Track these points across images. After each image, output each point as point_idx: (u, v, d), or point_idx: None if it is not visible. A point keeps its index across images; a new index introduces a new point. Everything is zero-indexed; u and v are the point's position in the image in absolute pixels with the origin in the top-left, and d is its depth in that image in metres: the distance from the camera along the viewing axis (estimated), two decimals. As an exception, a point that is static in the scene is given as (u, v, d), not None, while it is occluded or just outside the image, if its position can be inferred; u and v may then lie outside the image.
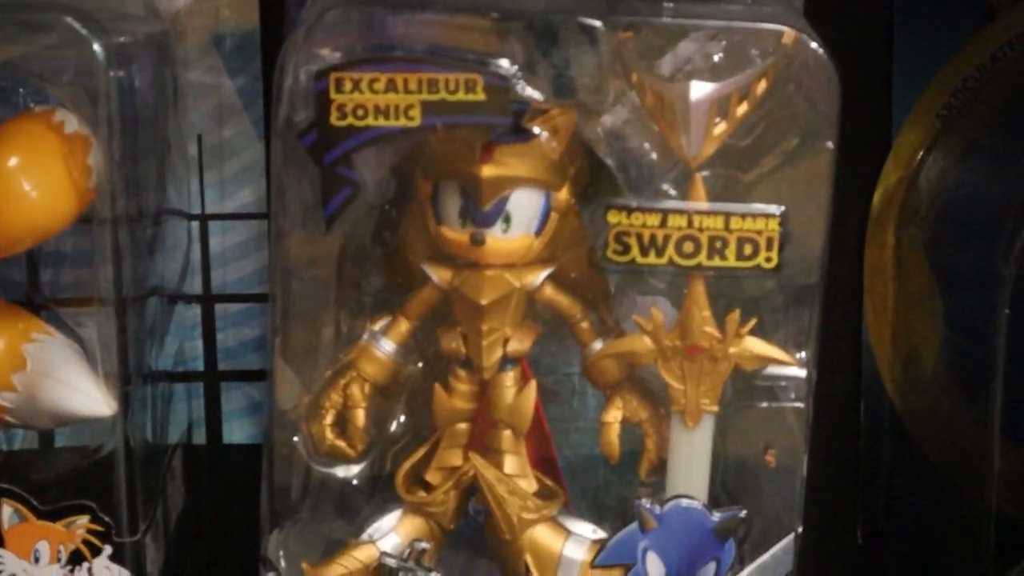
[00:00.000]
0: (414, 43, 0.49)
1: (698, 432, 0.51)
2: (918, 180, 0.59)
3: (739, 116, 0.49)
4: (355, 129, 0.48)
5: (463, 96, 0.47)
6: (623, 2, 0.51)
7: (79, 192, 0.49)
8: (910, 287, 0.59)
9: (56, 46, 0.50)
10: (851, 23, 0.59)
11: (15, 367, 0.51)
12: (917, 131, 0.59)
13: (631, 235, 0.49)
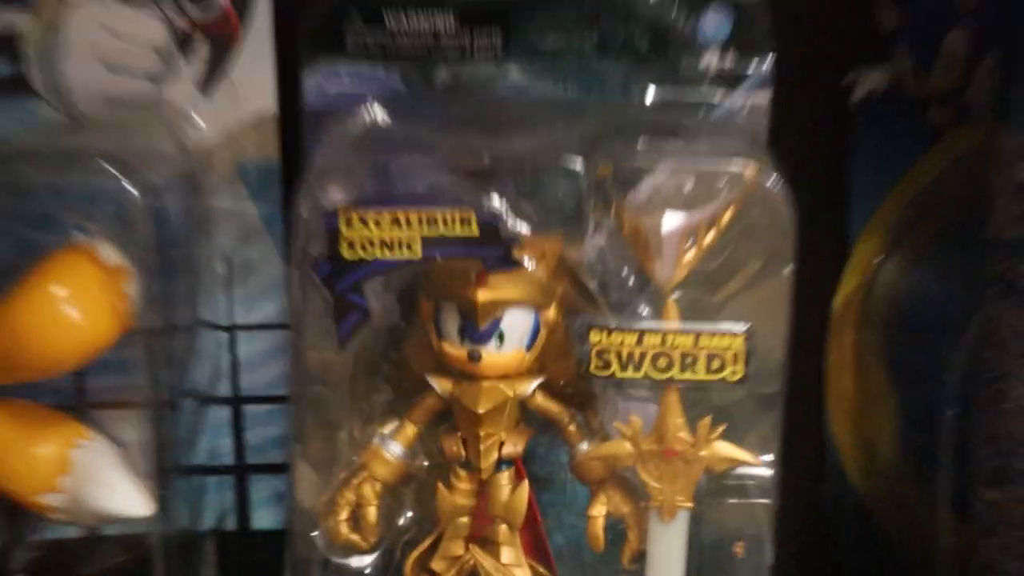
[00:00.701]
0: (416, 182, 0.49)
1: (674, 526, 0.51)
2: (874, 287, 0.59)
3: (707, 244, 0.49)
4: (363, 261, 0.49)
5: (459, 231, 0.48)
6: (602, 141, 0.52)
7: (119, 317, 0.49)
8: (867, 383, 0.60)
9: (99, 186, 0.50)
10: (813, 149, 0.60)
11: (62, 471, 0.51)
12: (873, 242, 0.59)
13: (611, 352, 0.49)
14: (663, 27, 0.56)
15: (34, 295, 0.49)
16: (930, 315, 0.57)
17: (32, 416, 0.52)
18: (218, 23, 0.57)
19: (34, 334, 0.49)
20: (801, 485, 0.60)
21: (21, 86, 0.57)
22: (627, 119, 0.54)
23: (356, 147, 0.51)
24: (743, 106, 0.57)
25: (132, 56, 0.57)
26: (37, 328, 0.49)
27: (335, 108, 0.56)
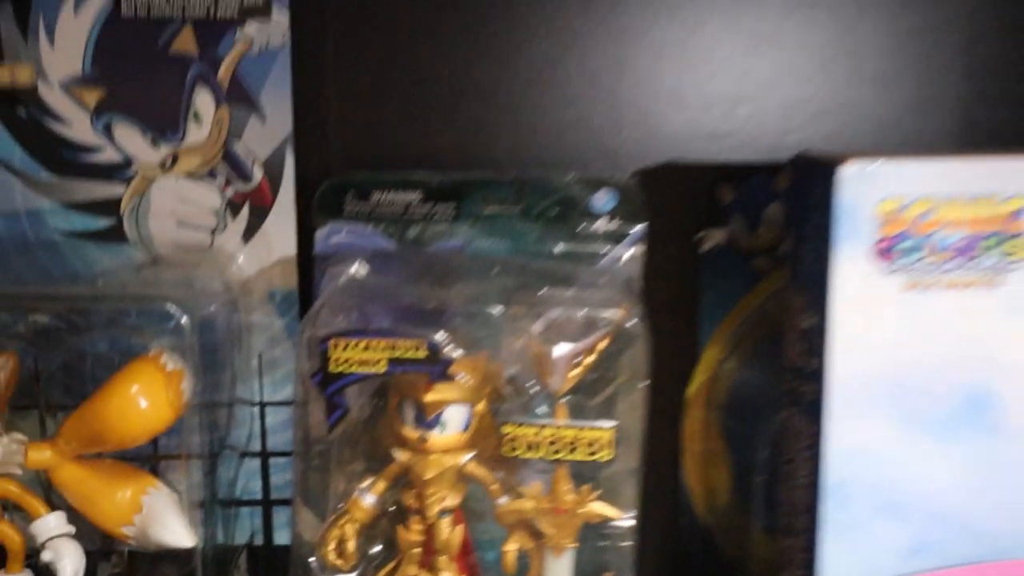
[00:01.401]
0: (384, 320, 0.50)
1: (562, 559, 0.50)
2: (716, 380, 0.59)
3: (587, 364, 0.50)
4: (344, 374, 0.49)
5: (413, 355, 0.48)
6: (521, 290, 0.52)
7: (175, 408, 0.50)
8: (710, 448, 0.59)
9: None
10: (675, 285, 0.59)
11: (135, 511, 0.51)
12: (716, 349, 0.59)
13: (518, 440, 0.49)
14: (568, 201, 0.57)
15: (118, 390, 0.49)
16: (754, 401, 0.57)
17: (119, 470, 0.52)
18: (256, 194, 0.58)
19: (116, 419, 0.49)
20: (664, 519, 0.61)
21: (119, 235, 0.57)
22: (537, 271, 0.54)
23: (343, 294, 0.52)
24: (624, 256, 0.57)
25: (196, 215, 0.58)
26: (118, 414, 0.49)
27: (336, 253, 0.56)
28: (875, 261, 0.45)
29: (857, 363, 0.46)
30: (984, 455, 0.47)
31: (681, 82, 0.59)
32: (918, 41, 0.59)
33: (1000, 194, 0.45)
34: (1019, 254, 0.46)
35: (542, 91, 0.59)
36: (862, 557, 0.48)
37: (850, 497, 0.47)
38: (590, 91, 0.59)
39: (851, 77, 0.60)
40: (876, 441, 0.47)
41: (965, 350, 0.46)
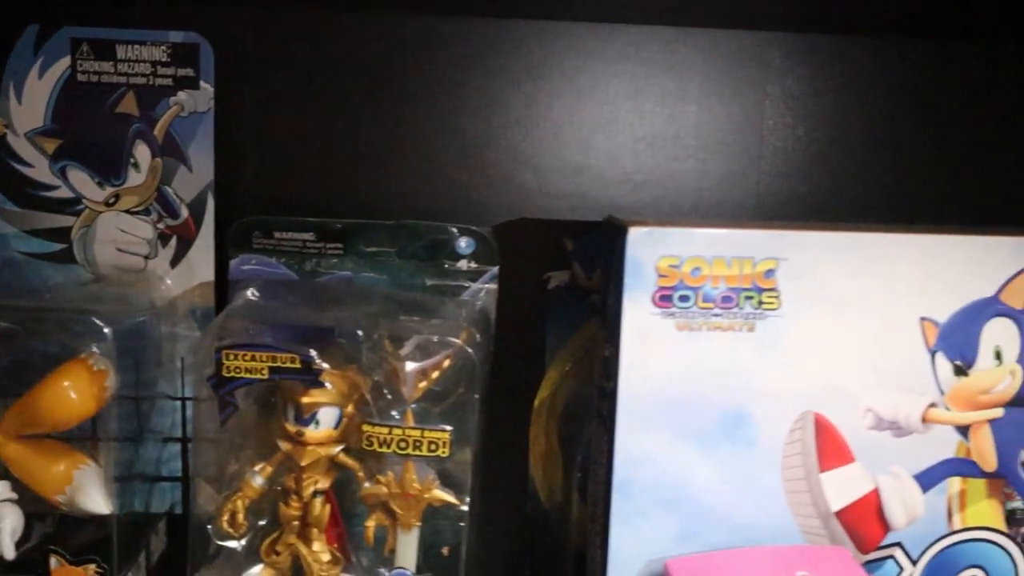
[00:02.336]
0: (266, 336, 0.51)
1: (410, 535, 0.52)
2: (556, 394, 0.60)
3: (433, 379, 0.51)
4: (235, 379, 0.50)
5: (290, 365, 0.50)
6: (383, 316, 0.54)
7: (98, 401, 0.51)
8: (550, 449, 0.61)
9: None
10: (526, 316, 0.61)
11: (67, 482, 0.52)
12: (558, 367, 0.60)
13: (374, 437, 0.51)
14: (437, 243, 0.59)
15: (52, 384, 0.51)
16: (580, 413, 0.57)
17: (56, 448, 0.52)
18: (183, 228, 0.59)
19: (50, 407, 0.51)
20: (513, 506, 0.62)
21: (69, 257, 0.59)
22: (402, 300, 0.56)
23: (236, 314, 0.53)
24: (482, 290, 0.59)
25: (132, 244, 0.59)
26: (52, 404, 0.51)
27: (245, 280, 0.58)
28: (655, 306, 0.48)
29: (640, 387, 0.48)
30: (740, 464, 0.49)
31: (537, 151, 0.62)
32: (725, 127, 0.62)
33: (756, 257, 0.48)
34: (770, 305, 0.48)
35: (420, 155, 0.61)
36: (643, 541, 0.49)
37: (633, 493, 0.49)
38: (461, 155, 0.61)
39: (672, 154, 0.62)
40: (654, 449, 0.49)
41: (726, 379, 0.48)
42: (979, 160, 0.63)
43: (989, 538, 0.51)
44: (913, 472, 0.50)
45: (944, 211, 0.63)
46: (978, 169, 0.63)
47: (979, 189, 0.63)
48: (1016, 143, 0.63)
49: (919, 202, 0.63)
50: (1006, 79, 0.62)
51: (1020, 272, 0.49)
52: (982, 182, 0.63)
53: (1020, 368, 0.49)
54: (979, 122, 0.63)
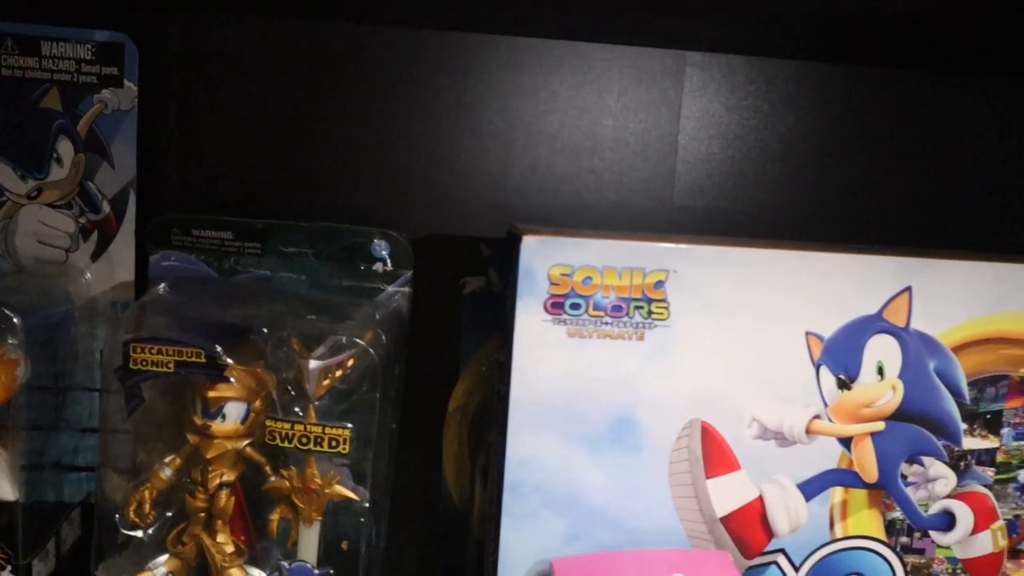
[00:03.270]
0: (173, 331, 0.52)
1: (312, 529, 0.53)
2: (470, 399, 0.62)
3: (336, 377, 0.53)
4: (142, 371, 0.51)
5: (195, 359, 0.51)
6: (298, 318, 0.55)
7: (7, 389, 0.53)
8: (461, 450, 0.63)
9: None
10: (443, 319, 0.63)
11: None
12: (471, 373, 0.62)
13: (276, 432, 0.52)
14: (353, 246, 0.60)
15: None
16: (488, 417, 0.58)
17: None
18: (105, 223, 0.61)
19: None
20: (428, 503, 0.64)
21: None
22: (313, 300, 0.57)
23: (143, 308, 0.54)
24: (397, 293, 0.61)
25: (54, 237, 0.60)
26: None
27: (164, 276, 0.59)
28: (547, 313, 0.50)
29: (531, 390, 0.50)
30: (628, 468, 0.51)
31: (458, 159, 0.64)
32: (642, 141, 0.64)
33: (646, 268, 0.50)
34: (659, 315, 0.50)
35: (342, 158, 0.63)
36: (532, 541, 0.51)
37: (523, 494, 0.51)
38: (383, 161, 0.63)
39: (589, 166, 0.64)
40: (544, 452, 0.50)
41: (615, 386, 0.50)
42: (890, 175, 0.65)
43: (870, 547, 0.53)
44: (797, 481, 0.52)
45: (855, 226, 0.65)
46: (889, 184, 0.65)
47: (890, 203, 0.65)
48: (924, 158, 0.66)
49: (831, 217, 0.65)
50: (914, 98, 0.64)
51: (902, 291, 0.51)
52: (893, 196, 0.65)
53: (901, 383, 0.52)
54: (890, 139, 0.65)
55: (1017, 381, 0.53)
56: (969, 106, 0.63)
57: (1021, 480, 0.53)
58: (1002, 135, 0.64)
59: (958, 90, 0.63)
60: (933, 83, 0.63)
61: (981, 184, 0.64)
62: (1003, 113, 0.64)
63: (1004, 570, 0.54)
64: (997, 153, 0.65)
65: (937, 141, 0.64)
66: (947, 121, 0.63)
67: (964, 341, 0.52)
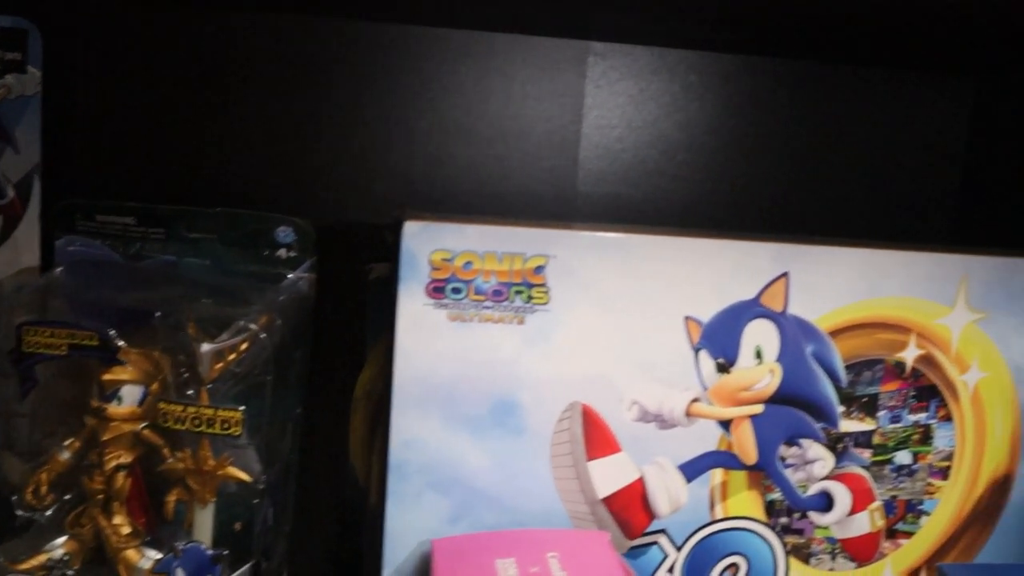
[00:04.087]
0: (68, 315, 0.54)
1: (206, 510, 0.55)
2: (375, 384, 0.62)
3: (230, 360, 0.54)
4: (34, 354, 0.53)
5: (88, 342, 0.53)
6: (194, 302, 0.57)
7: None
8: (365, 434, 0.63)
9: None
10: (347, 305, 0.65)
11: None
12: (376, 358, 0.62)
13: (169, 414, 0.54)
14: (257, 232, 0.62)
15: None
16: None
17: None
18: (10, 208, 0.61)
19: None
20: (335, 486, 0.65)
21: None
22: (210, 284, 0.58)
23: (41, 291, 0.56)
24: (301, 278, 0.62)
25: None
26: None
27: (70, 261, 0.61)
28: (429, 297, 0.51)
29: (415, 373, 0.51)
30: (510, 450, 0.52)
31: (365, 147, 0.65)
32: (547, 128, 0.66)
33: (526, 253, 0.51)
34: (539, 300, 0.52)
35: (248, 145, 0.64)
36: (417, 521, 0.53)
37: (407, 475, 0.52)
38: (290, 148, 0.65)
39: (495, 152, 0.66)
40: (428, 434, 0.52)
41: (496, 369, 0.52)
42: (785, 164, 0.67)
43: (750, 527, 0.55)
44: (677, 463, 0.54)
45: (753, 212, 0.67)
46: (785, 173, 0.67)
47: (786, 191, 0.67)
48: (817, 148, 0.67)
49: (731, 204, 0.67)
50: (808, 89, 0.66)
51: (779, 277, 0.53)
52: (789, 185, 0.67)
53: (779, 367, 0.53)
54: (785, 128, 0.67)
55: (892, 365, 0.54)
56: (854, 98, 0.65)
57: (897, 462, 0.55)
58: (880, 125, 0.66)
59: (845, 81, 0.64)
60: (824, 74, 0.64)
61: (872, 173, 0.66)
62: (884, 105, 0.65)
63: (881, 549, 0.56)
64: (877, 144, 0.66)
65: (827, 131, 0.66)
66: (837, 112, 0.65)
67: (840, 326, 0.53)
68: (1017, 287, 0.54)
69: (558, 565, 0.48)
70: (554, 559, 0.48)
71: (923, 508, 0.56)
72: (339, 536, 0.66)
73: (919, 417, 0.55)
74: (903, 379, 0.54)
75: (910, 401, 0.55)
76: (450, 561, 0.49)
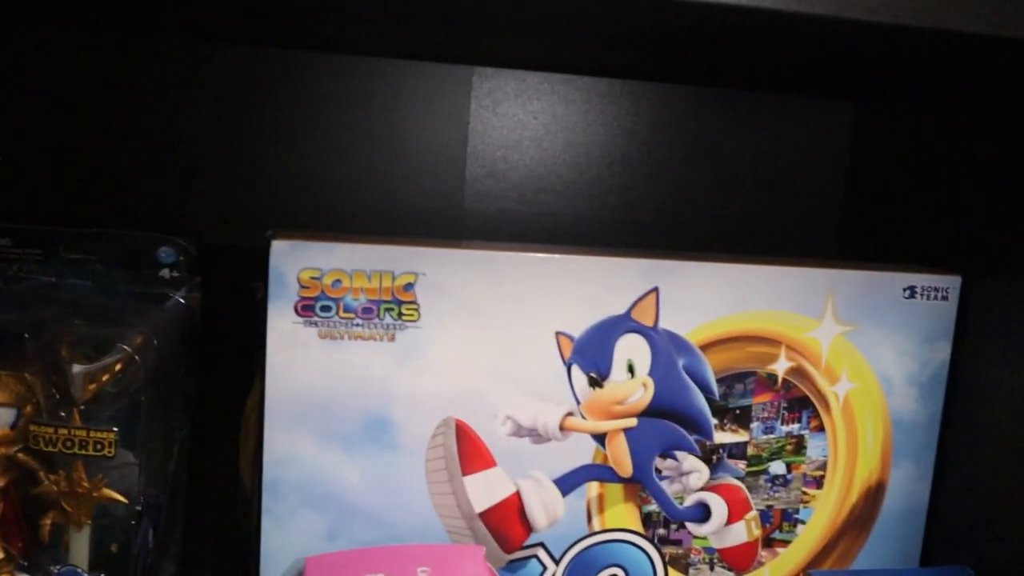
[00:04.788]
0: None
1: (82, 533, 0.55)
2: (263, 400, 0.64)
3: (103, 381, 0.54)
4: None
5: None
6: (66, 323, 0.58)
7: None
8: (252, 449, 0.61)
9: None
10: (237, 322, 0.63)
11: None
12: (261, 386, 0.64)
13: (40, 436, 0.54)
14: (139, 252, 0.62)
15: None
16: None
17: None
18: None
19: None
20: (225, 497, 0.65)
21: None
22: (86, 305, 0.58)
23: None
24: (185, 298, 0.63)
25: None
26: None
27: None
28: (298, 315, 0.52)
29: (286, 391, 0.52)
30: (384, 466, 0.53)
31: (249, 165, 0.66)
32: (432, 148, 0.67)
33: (395, 271, 0.52)
34: (410, 317, 0.53)
35: (129, 165, 0.64)
36: (293, 539, 0.53)
37: (282, 493, 0.53)
38: (172, 168, 0.65)
39: (378, 170, 0.67)
40: (301, 451, 0.53)
41: (368, 386, 0.53)
42: (663, 180, 0.69)
43: (627, 539, 0.56)
44: (553, 476, 0.55)
45: (635, 227, 0.68)
46: (664, 189, 0.69)
47: (665, 207, 0.69)
48: (713, 167, 0.69)
49: (613, 220, 0.68)
50: (683, 109, 0.67)
51: (649, 292, 0.54)
52: (667, 200, 0.69)
53: (652, 381, 0.54)
54: (664, 147, 0.68)
55: (764, 377, 0.56)
56: (738, 120, 0.67)
57: (772, 472, 0.57)
58: (765, 146, 0.68)
59: (729, 104, 0.66)
60: (708, 97, 0.66)
61: (758, 192, 0.68)
62: (768, 126, 0.67)
63: (759, 558, 0.57)
64: (763, 164, 0.68)
65: (711, 151, 0.67)
66: (721, 132, 0.67)
67: (712, 339, 0.55)
68: (883, 300, 0.56)
69: (426, 581, 0.48)
70: (424, 574, 0.49)
71: (799, 517, 0.57)
72: (230, 556, 0.64)
73: (792, 428, 0.56)
74: (775, 391, 0.56)
75: (783, 412, 0.56)
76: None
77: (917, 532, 0.59)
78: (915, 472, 0.58)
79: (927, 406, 0.58)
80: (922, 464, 0.58)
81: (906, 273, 0.56)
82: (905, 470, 0.58)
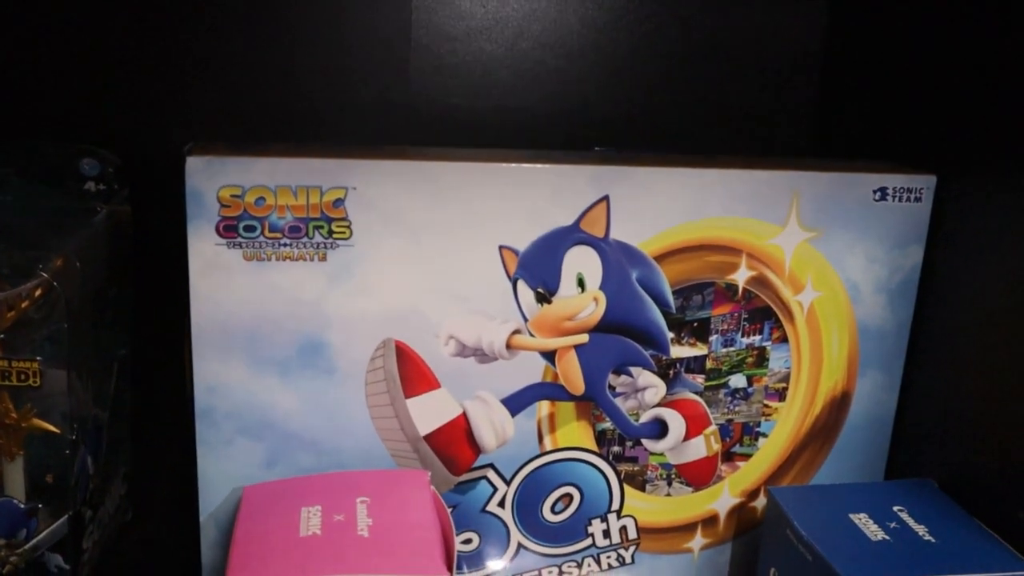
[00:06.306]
0: None
1: (15, 464, 0.54)
2: None
3: (23, 308, 0.52)
4: None
5: None
6: None
7: None
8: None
9: None
10: (168, 236, 0.61)
11: None
12: None
13: None
14: (60, 165, 0.59)
15: None
16: None
17: None
18: None
19: None
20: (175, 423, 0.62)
21: None
22: (11, 224, 0.55)
23: None
24: (111, 211, 0.60)
25: None
26: None
27: None
28: (220, 236, 0.49)
29: (213, 317, 0.50)
30: (322, 391, 0.52)
31: (179, 68, 0.62)
32: (374, 40, 0.63)
33: (323, 186, 0.49)
34: (341, 235, 0.50)
35: (43, 72, 0.61)
36: (230, 467, 0.52)
37: (216, 421, 0.51)
38: (90, 74, 0.61)
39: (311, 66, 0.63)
40: (233, 378, 0.51)
41: (300, 308, 0.50)
42: (646, 79, 0.65)
43: (581, 457, 0.55)
44: (501, 396, 0.53)
45: (606, 129, 0.64)
46: (645, 87, 0.65)
47: (646, 107, 0.65)
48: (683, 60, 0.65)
49: (579, 118, 0.65)
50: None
51: (599, 201, 0.51)
52: (648, 99, 0.65)
53: (603, 294, 0.52)
54: (648, 41, 0.64)
55: (723, 288, 0.53)
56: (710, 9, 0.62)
57: (732, 385, 0.55)
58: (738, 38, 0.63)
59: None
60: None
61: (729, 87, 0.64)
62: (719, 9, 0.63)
63: (719, 473, 0.56)
64: (734, 57, 0.64)
65: (662, 39, 0.63)
66: (670, 18, 0.62)
67: (667, 249, 0.52)
68: (851, 203, 0.53)
69: (365, 511, 0.47)
70: (363, 504, 0.48)
71: (760, 430, 0.56)
72: (182, 473, 0.63)
73: (753, 340, 0.54)
74: (735, 302, 0.53)
75: (743, 324, 0.54)
76: (256, 510, 0.48)
77: (883, 443, 0.57)
78: (883, 382, 0.56)
79: (896, 313, 0.55)
80: (890, 373, 0.56)
81: (877, 174, 0.53)
82: (872, 380, 0.56)
